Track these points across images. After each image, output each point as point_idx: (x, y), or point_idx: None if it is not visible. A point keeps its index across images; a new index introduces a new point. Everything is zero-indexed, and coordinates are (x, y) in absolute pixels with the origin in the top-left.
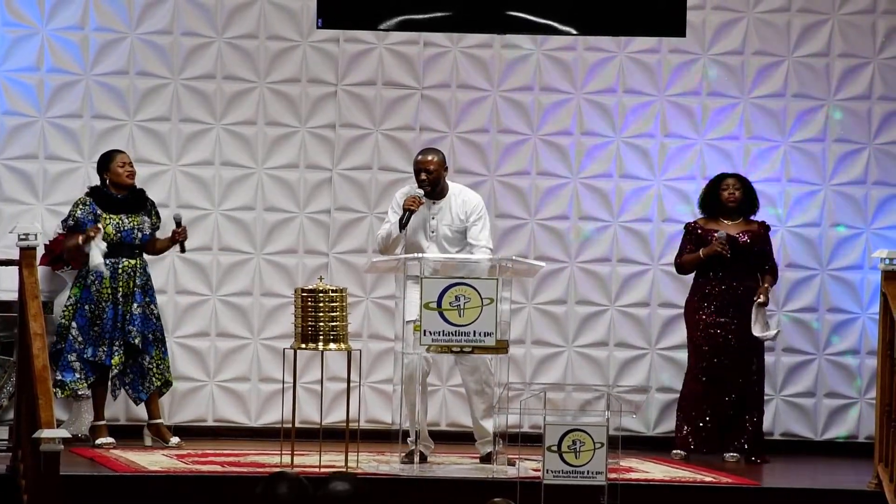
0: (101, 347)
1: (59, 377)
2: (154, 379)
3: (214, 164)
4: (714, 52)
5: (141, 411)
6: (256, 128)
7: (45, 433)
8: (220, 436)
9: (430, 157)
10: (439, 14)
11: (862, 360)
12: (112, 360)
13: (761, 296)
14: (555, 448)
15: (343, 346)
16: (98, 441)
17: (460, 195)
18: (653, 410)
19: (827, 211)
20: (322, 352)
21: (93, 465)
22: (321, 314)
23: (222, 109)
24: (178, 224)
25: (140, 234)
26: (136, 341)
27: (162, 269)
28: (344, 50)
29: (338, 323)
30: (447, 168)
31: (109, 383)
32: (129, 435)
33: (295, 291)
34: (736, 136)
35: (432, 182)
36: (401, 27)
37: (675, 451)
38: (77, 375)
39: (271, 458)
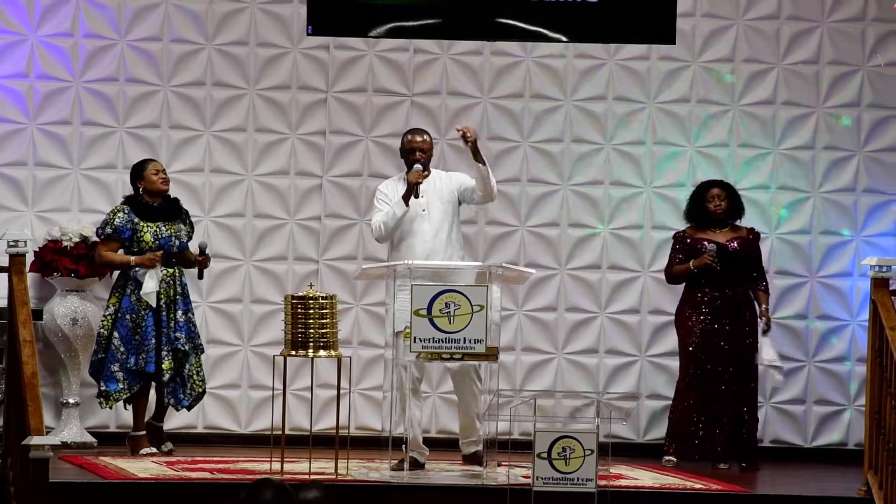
0: (142, 355)
1: (104, 388)
2: (195, 386)
3: (204, 171)
4: (704, 59)
5: (128, 418)
6: (246, 135)
7: (35, 440)
8: (209, 443)
9: (423, 137)
10: (429, 21)
11: (852, 367)
12: (162, 366)
13: (764, 320)
14: (545, 455)
15: (333, 352)
16: (142, 451)
17: (439, 174)
18: (643, 417)
19: (816, 218)
20: (312, 359)
21: (82, 473)
22: (311, 321)
23: (212, 116)
24: (202, 252)
25: (178, 242)
26: (186, 347)
27: None
28: (334, 57)
29: (328, 330)
30: None
31: (160, 391)
32: (118, 442)
33: (285, 298)
34: (726, 143)
35: (427, 160)
36: (391, 34)
37: (666, 459)
38: (121, 386)
39: (261, 465)
